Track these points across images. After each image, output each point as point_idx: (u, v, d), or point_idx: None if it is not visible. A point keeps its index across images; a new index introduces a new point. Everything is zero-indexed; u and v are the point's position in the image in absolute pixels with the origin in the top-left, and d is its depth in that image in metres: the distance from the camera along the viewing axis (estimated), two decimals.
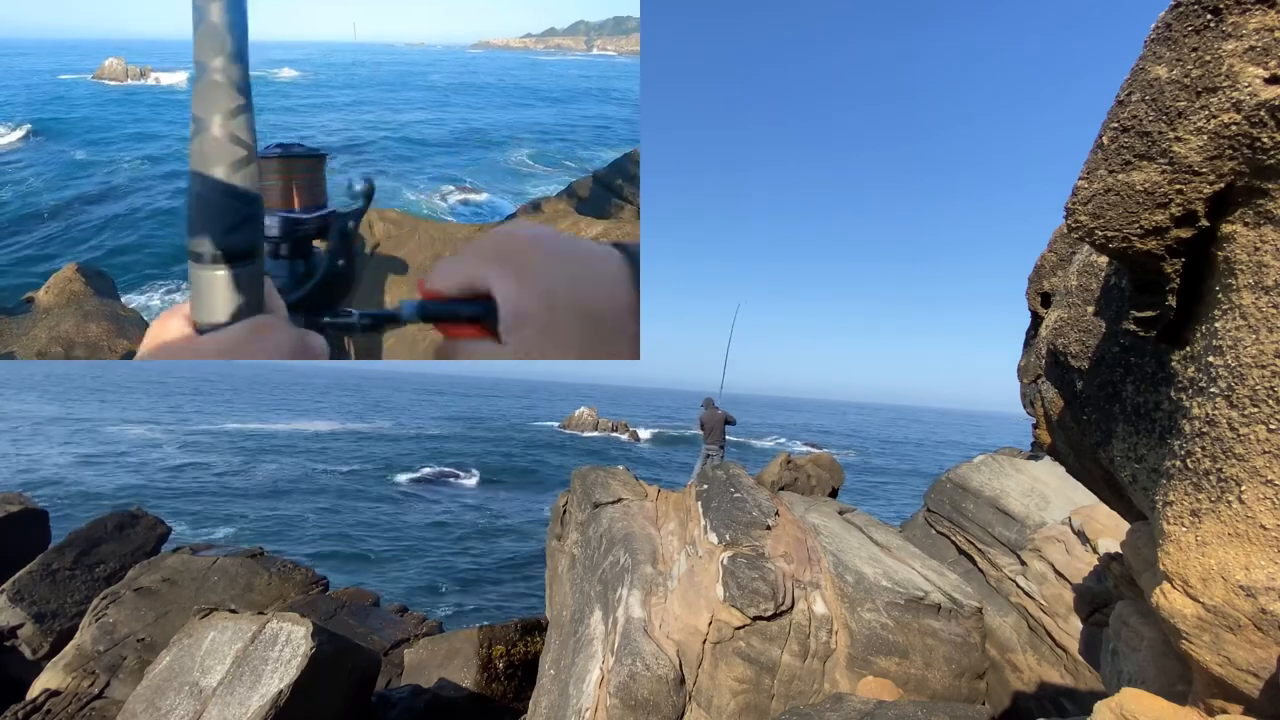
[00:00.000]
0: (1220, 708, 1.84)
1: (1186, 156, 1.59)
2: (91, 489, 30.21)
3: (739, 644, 4.94)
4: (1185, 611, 1.78)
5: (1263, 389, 1.59)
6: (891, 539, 6.68)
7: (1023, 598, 8.00)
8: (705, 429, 9.50)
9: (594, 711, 4.83)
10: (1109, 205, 1.74)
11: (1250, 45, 1.46)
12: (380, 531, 26.47)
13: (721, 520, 6.12)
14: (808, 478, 16.83)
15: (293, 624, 6.59)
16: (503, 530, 27.59)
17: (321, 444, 49.98)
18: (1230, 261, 1.65)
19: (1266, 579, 1.61)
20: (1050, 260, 3.16)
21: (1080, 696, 6.76)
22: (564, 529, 8.75)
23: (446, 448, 51.55)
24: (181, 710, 6.05)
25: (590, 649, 5.57)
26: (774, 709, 4.81)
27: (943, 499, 10.27)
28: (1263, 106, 1.45)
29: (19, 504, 12.75)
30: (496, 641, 9.39)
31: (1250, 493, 1.63)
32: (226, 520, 26.74)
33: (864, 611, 5.16)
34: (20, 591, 10.69)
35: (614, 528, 6.84)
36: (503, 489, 35.70)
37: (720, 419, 9.43)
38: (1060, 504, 8.62)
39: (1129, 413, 2.25)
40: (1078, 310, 2.60)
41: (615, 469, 8.71)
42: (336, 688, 6.80)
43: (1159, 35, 1.63)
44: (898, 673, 4.93)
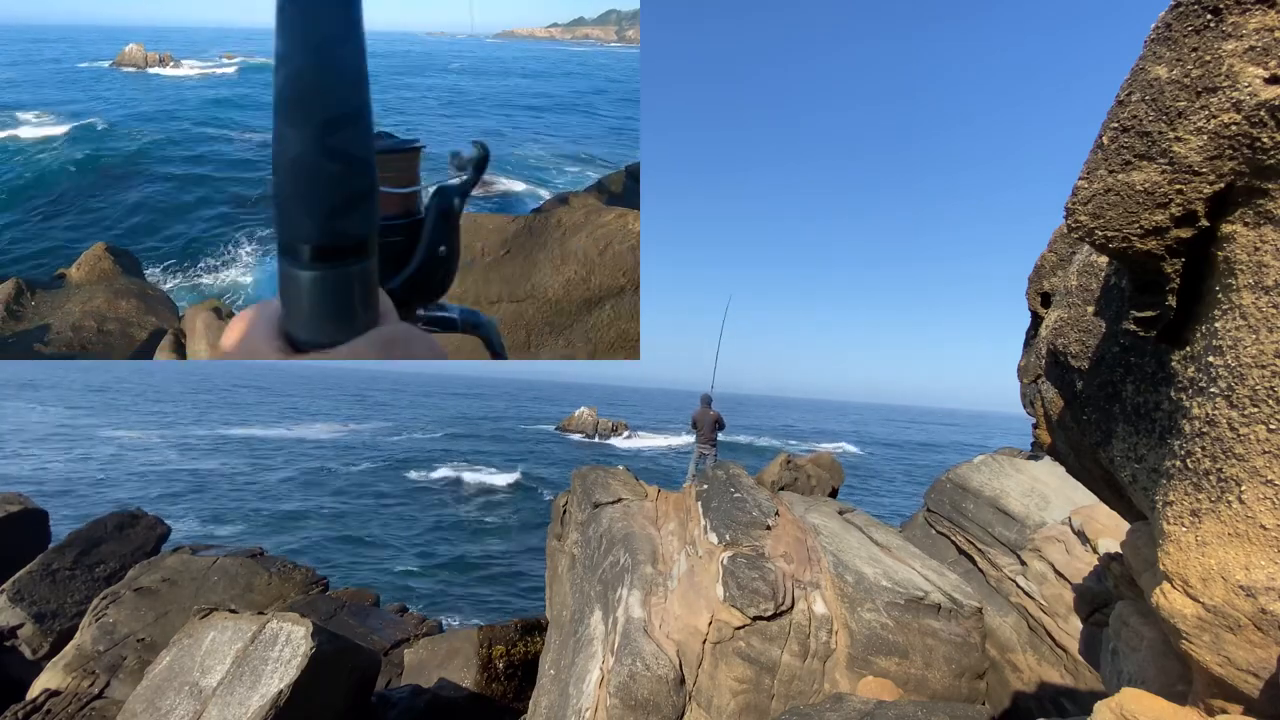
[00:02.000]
0: (1220, 708, 1.84)
1: (1186, 156, 1.59)
2: (92, 489, 30.22)
3: (739, 644, 4.94)
4: (1185, 611, 1.78)
5: (1263, 389, 1.59)
6: (891, 539, 6.68)
7: (1023, 598, 8.00)
8: (697, 427, 9.51)
9: (594, 711, 4.83)
10: (1109, 205, 1.74)
11: (1250, 45, 1.46)
12: (380, 532, 26.47)
13: (721, 520, 6.12)
14: (808, 478, 16.83)
15: (293, 624, 6.59)
16: (503, 530, 27.60)
17: (321, 446, 49.98)
18: (1230, 261, 1.65)
19: (1266, 579, 1.61)
20: (1050, 260, 3.16)
21: (1080, 696, 6.77)
22: (564, 529, 8.75)
23: (446, 448, 51.55)
24: (181, 710, 6.05)
25: (590, 649, 5.57)
26: (774, 709, 4.81)
27: (943, 499, 10.27)
28: (1263, 106, 1.46)
29: (19, 504, 12.76)
30: (496, 641, 9.39)
31: (1250, 493, 1.63)
32: (227, 520, 26.74)
33: (864, 611, 5.16)
34: (20, 591, 10.70)
35: (614, 528, 6.84)
36: (502, 489, 35.70)
37: (711, 419, 9.44)
38: (1060, 504, 8.62)
39: (1129, 413, 2.25)
40: (1078, 310, 2.60)
41: (615, 469, 8.72)
42: (336, 688, 6.80)
43: (1159, 35, 1.63)
44: (898, 673, 4.93)
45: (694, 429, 9.59)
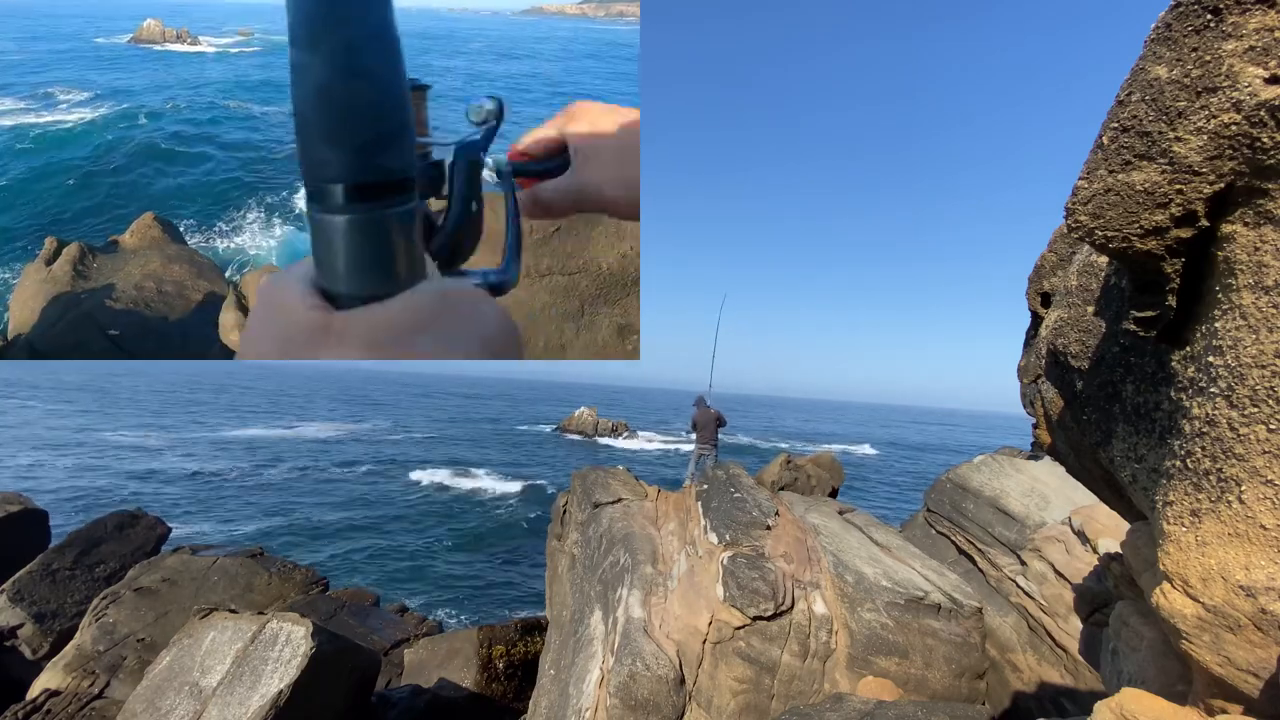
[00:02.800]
0: (1220, 708, 1.84)
1: (1186, 156, 1.59)
2: (92, 489, 30.22)
3: (739, 644, 4.94)
4: (1185, 611, 1.78)
5: (1263, 389, 1.59)
6: (891, 539, 6.68)
7: (1023, 598, 8.00)
8: (697, 428, 9.47)
9: (594, 711, 4.83)
10: (1109, 205, 1.74)
11: (1250, 45, 1.46)
12: (380, 532, 26.48)
13: (721, 520, 6.12)
14: (808, 478, 16.84)
15: (293, 624, 6.59)
16: (503, 530, 27.59)
17: (321, 446, 49.98)
18: (1230, 261, 1.65)
19: (1266, 579, 1.61)
20: (1050, 260, 3.16)
21: (1080, 696, 6.77)
22: (564, 529, 8.76)
23: (446, 449, 51.56)
24: (181, 710, 6.05)
25: (590, 649, 5.57)
26: (774, 709, 4.81)
27: (943, 499, 10.27)
28: (1263, 106, 1.45)
29: (19, 504, 12.76)
30: (496, 641, 9.39)
31: (1250, 493, 1.63)
32: (227, 520, 26.75)
33: (864, 611, 5.16)
34: (20, 591, 10.70)
35: (614, 528, 6.84)
36: (502, 489, 35.70)
37: (713, 418, 9.39)
38: (1060, 504, 8.62)
39: (1129, 413, 2.25)
40: (1078, 310, 2.60)
41: (615, 469, 8.72)
42: (336, 688, 6.80)
43: (1159, 35, 1.63)
44: (898, 673, 4.93)
45: (694, 431, 9.54)
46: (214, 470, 36.69)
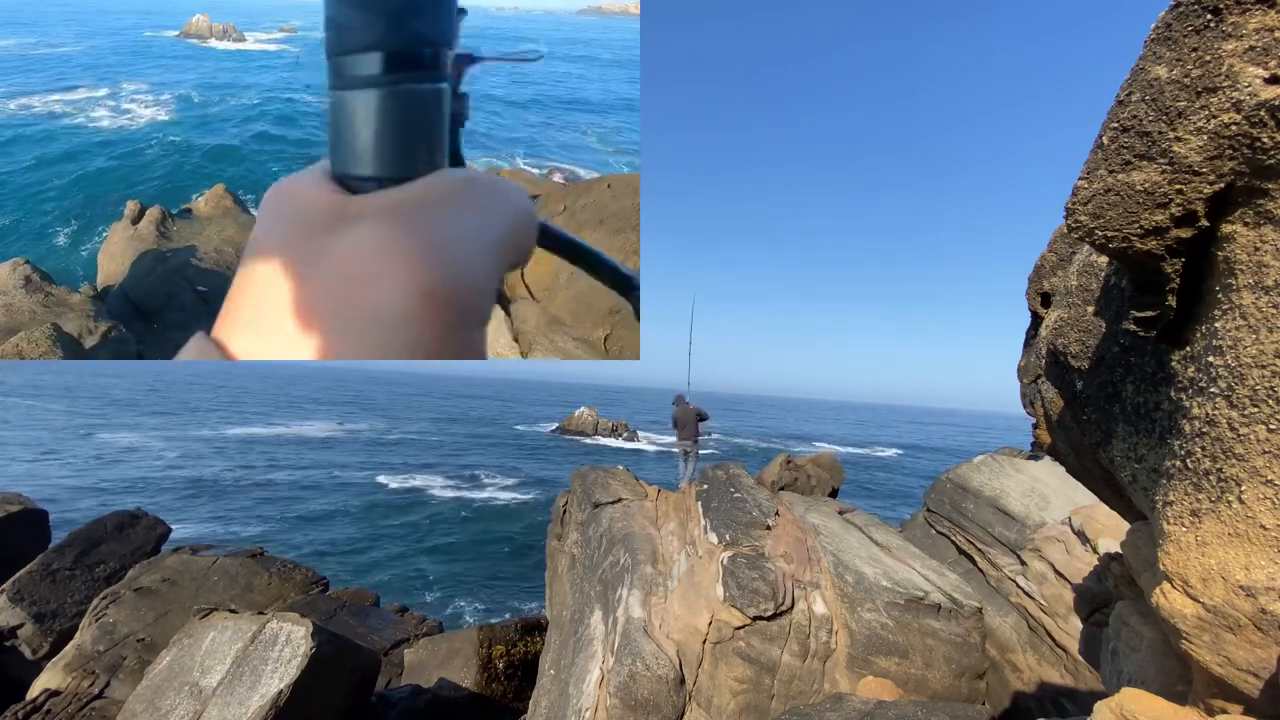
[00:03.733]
0: (1220, 708, 1.84)
1: (1186, 156, 1.59)
2: (92, 489, 30.21)
3: (739, 644, 4.94)
4: (1185, 611, 1.78)
5: (1263, 389, 1.59)
6: (891, 539, 6.68)
7: (1023, 598, 8.00)
8: (679, 426, 9.46)
9: (594, 711, 4.83)
10: (1109, 205, 1.74)
11: (1250, 45, 1.46)
12: (380, 532, 26.48)
13: (721, 520, 6.12)
14: (808, 478, 16.84)
15: (293, 624, 6.59)
16: (503, 530, 27.60)
17: (320, 446, 49.99)
18: (1230, 261, 1.65)
19: (1266, 579, 1.61)
20: (1050, 260, 3.16)
21: (1080, 696, 6.77)
22: (564, 529, 8.76)
23: (446, 449, 51.58)
24: (181, 710, 6.05)
25: (590, 649, 5.57)
26: (774, 709, 4.80)
27: (943, 499, 10.28)
28: (1263, 106, 1.45)
29: (19, 504, 12.77)
30: (496, 641, 9.40)
31: (1250, 493, 1.63)
32: (227, 520, 26.74)
33: (864, 611, 5.16)
34: (20, 591, 10.70)
35: (614, 528, 6.84)
36: (503, 490, 35.70)
37: (693, 414, 9.39)
38: (1060, 504, 8.62)
39: (1129, 413, 2.25)
40: (1078, 310, 2.60)
41: (615, 469, 8.72)
42: (336, 688, 6.80)
43: (1159, 35, 1.63)
44: (898, 673, 4.93)
45: (675, 428, 9.53)
46: (214, 470, 36.69)
